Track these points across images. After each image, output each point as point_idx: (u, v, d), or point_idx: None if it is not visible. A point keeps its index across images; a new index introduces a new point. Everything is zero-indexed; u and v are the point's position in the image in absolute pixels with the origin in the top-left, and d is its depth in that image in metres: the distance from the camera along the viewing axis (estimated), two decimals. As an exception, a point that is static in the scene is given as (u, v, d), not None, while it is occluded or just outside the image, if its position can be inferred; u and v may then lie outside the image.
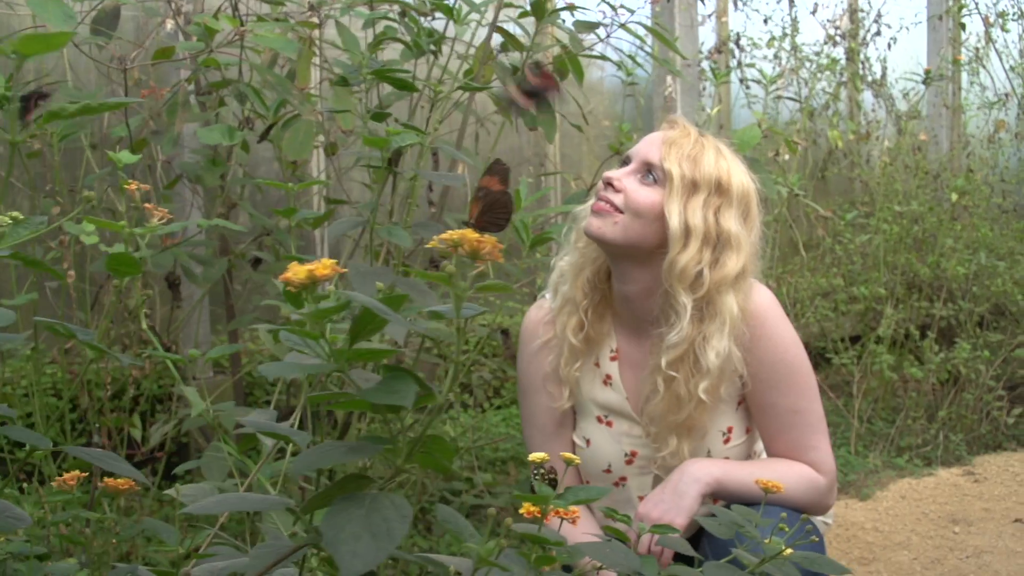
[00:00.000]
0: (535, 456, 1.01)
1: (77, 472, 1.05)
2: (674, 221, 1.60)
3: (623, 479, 1.75)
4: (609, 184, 1.65)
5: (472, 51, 2.17)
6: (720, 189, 1.63)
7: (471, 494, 2.68)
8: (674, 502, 1.59)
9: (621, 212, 1.63)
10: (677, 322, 1.61)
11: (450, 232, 0.77)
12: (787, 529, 1.24)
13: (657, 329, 1.67)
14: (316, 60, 2.31)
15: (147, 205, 0.98)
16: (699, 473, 1.61)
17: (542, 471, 1.65)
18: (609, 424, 1.75)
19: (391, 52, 2.20)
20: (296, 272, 0.76)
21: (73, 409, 2.48)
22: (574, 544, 1.11)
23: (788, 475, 1.65)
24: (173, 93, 1.93)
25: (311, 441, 0.98)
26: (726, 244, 1.62)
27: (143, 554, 2.14)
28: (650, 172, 1.65)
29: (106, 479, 1.04)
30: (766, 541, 1.17)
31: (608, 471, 1.75)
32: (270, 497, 0.83)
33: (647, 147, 1.67)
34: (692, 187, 1.62)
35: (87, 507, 1.78)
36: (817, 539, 1.22)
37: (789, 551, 1.16)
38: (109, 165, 2.08)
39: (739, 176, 1.66)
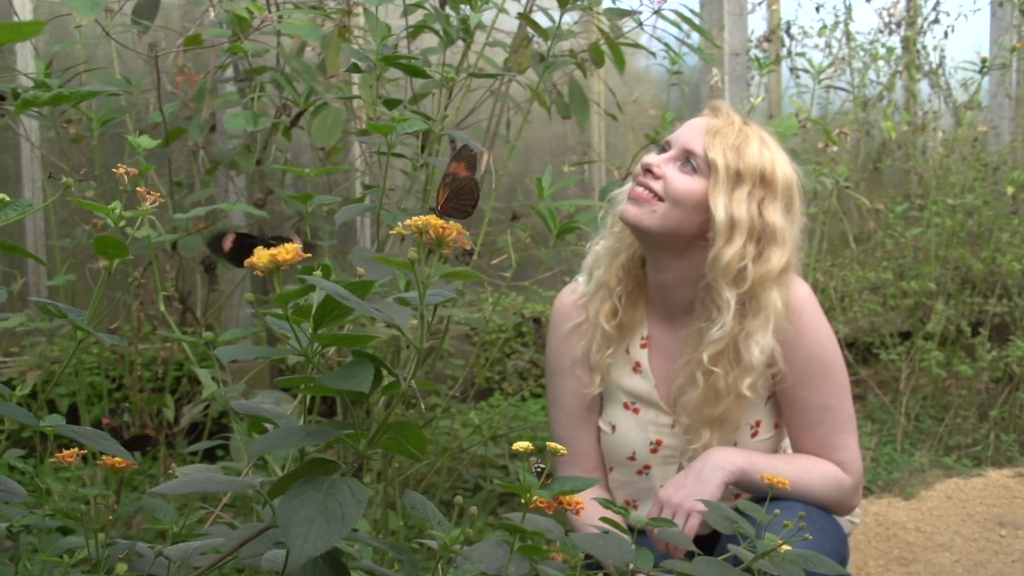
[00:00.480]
0: (519, 445, 1.01)
1: (76, 449, 1.07)
2: (720, 213, 1.56)
3: (647, 467, 1.73)
4: (648, 171, 1.61)
5: (496, 37, 2.16)
6: (764, 180, 1.59)
7: (504, 482, 2.68)
8: (696, 488, 1.56)
9: (661, 200, 1.59)
10: (719, 317, 1.58)
11: (415, 218, 0.77)
12: (789, 525, 1.22)
13: (692, 319, 1.64)
14: (356, 47, 2.32)
15: (140, 189, 0.99)
16: (723, 461, 1.58)
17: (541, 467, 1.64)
18: (636, 411, 1.72)
19: (431, 40, 2.20)
20: (260, 257, 0.77)
21: (119, 388, 2.55)
22: (569, 535, 1.11)
23: (812, 472, 1.63)
24: (203, 80, 1.96)
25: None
26: (771, 238, 1.58)
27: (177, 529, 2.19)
28: (690, 160, 1.60)
29: (104, 457, 1.06)
30: (766, 537, 1.16)
31: (632, 458, 1.73)
32: (235, 479, 0.84)
33: (688, 134, 1.62)
34: (736, 178, 1.58)
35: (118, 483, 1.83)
36: (811, 537, 1.19)
37: (787, 548, 1.14)
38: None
39: (783, 167, 1.62)
